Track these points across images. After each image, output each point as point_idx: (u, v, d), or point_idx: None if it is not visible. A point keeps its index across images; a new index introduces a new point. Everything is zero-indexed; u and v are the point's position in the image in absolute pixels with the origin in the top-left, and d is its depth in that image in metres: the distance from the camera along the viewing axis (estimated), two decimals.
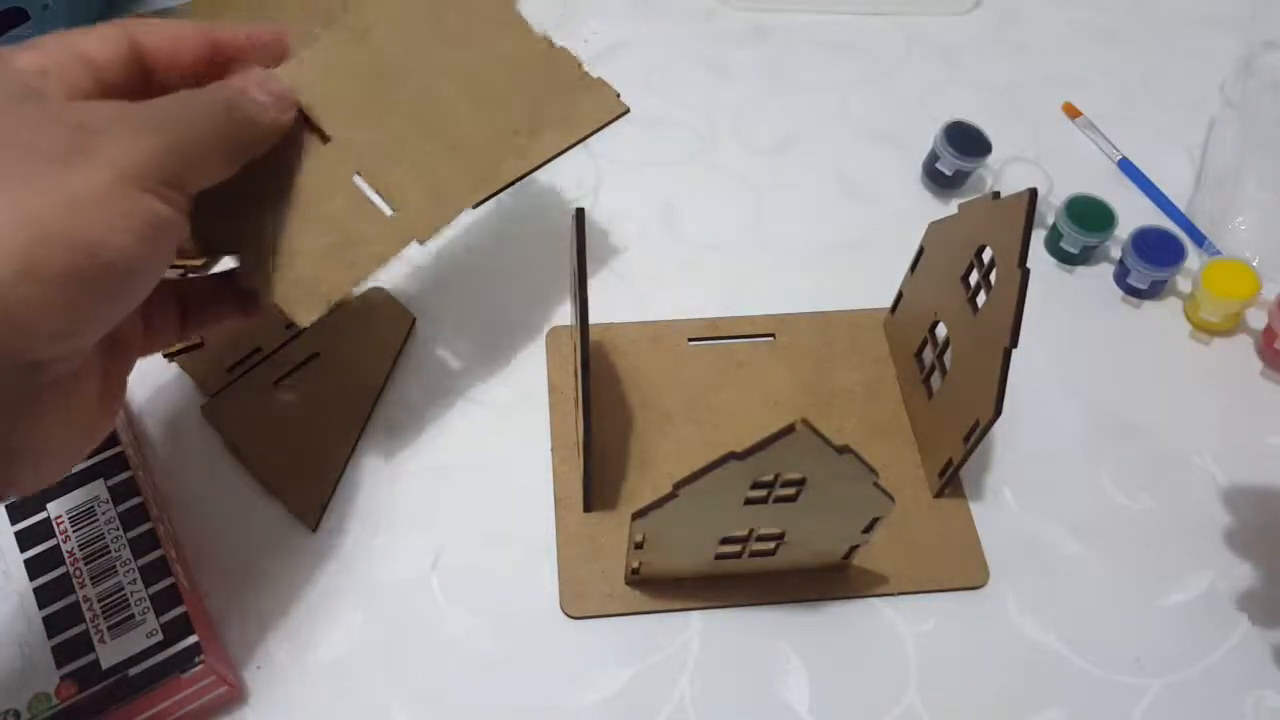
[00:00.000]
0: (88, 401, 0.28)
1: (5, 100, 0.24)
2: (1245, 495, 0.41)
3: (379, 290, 0.46)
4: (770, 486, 0.31)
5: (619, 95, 0.57)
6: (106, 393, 0.29)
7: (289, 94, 0.31)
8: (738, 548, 0.35)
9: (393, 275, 0.47)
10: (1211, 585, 0.39)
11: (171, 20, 0.30)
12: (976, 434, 0.36)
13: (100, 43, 0.28)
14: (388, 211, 0.34)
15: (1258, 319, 0.46)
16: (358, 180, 0.33)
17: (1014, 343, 0.34)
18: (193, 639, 0.33)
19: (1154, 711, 0.36)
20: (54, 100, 0.25)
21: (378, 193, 0.34)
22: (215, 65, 0.31)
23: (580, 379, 0.35)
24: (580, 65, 0.39)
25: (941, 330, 0.40)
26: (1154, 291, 0.47)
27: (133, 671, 0.32)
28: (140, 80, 0.29)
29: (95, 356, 0.28)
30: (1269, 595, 0.39)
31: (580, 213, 0.34)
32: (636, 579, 0.38)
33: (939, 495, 0.40)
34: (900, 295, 0.44)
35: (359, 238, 0.33)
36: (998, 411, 0.35)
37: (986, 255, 0.37)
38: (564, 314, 0.46)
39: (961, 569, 0.39)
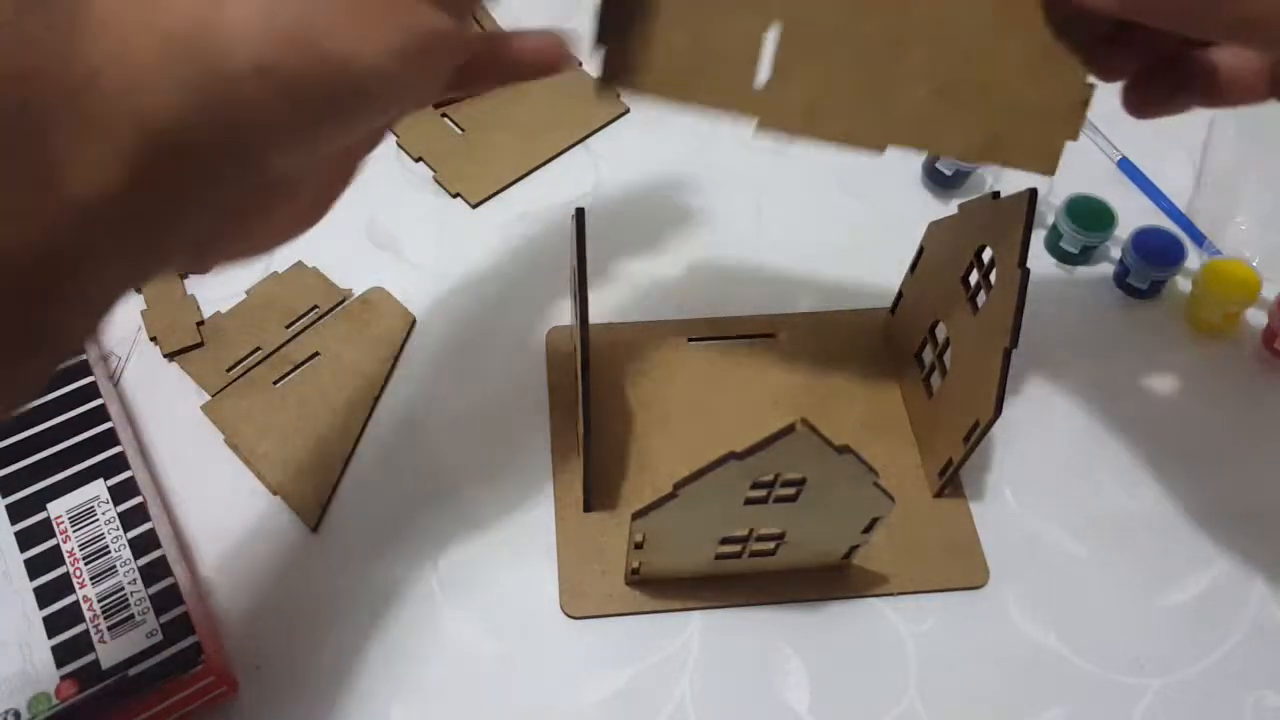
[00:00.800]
0: (300, 201, 0.25)
1: None
2: (1245, 495, 0.41)
3: (379, 290, 0.46)
4: (770, 486, 0.31)
5: (619, 95, 0.57)
6: (325, 191, 0.26)
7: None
8: (738, 548, 0.35)
9: (393, 275, 0.47)
10: (1211, 585, 0.39)
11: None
12: (977, 434, 0.36)
13: None
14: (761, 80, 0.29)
15: (1258, 319, 0.46)
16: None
17: (1014, 343, 0.34)
18: (193, 639, 0.33)
19: (1154, 711, 0.36)
20: None
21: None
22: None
23: (580, 379, 0.35)
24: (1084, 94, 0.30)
25: (941, 330, 0.40)
26: (1154, 291, 0.47)
27: (133, 671, 0.32)
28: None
29: (323, 160, 0.24)
30: (1269, 596, 0.39)
31: (580, 213, 0.34)
32: (636, 579, 0.38)
33: (939, 495, 0.40)
34: (900, 295, 0.44)
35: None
36: (997, 412, 0.35)
37: (986, 255, 0.37)
38: (564, 314, 0.46)
39: (961, 569, 0.39)
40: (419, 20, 0.21)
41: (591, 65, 0.29)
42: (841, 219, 0.50)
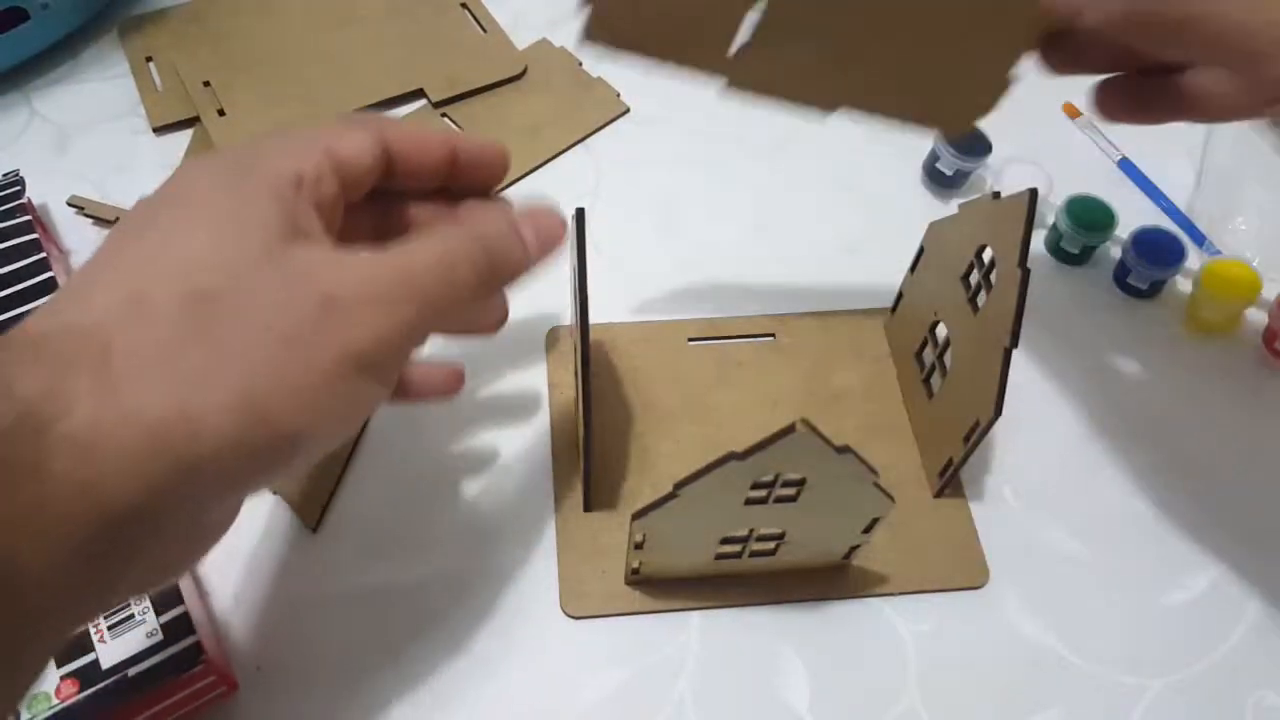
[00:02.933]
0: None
1: (265, 239, 0.24)
2: (1245, 495, 0.41)
3: None
4: (770, 486, 0.31)
5: (619, 95, 0.57)
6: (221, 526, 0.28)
7: (561, 232, 0.29)
8: (738, 548, 0.35)
9: None
10: (1211, 585, 0.39)
11: (416, 127, 0.29)
12: (977, 434, 0.36)
13: (355, 147, 0.27)
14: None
15: (1258, 319, 0.46)
16: None
17: (1014, 343, 0.34)
18: (193, 639, 0.33)
19: (1154, 711, 0.36)
20: (312, 245, 0.25)
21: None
22: (453, 169, 0.30)
23: (580, 379, 0.35)
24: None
25: (941, 330, 0.40)
26: (1154, 291, 0.47)
27: (133, 671, 0.32)
28: (381, 179, 0.29)
29: None
30: (1269, 595, 0.39)
31: (580, 213, 0.34)
32: (636, 579, 0.38)
33: (939, 495, 0.40)
34: (900, 295, 0.44)
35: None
36: (998, 412, 0.35)
37: (987, 255, 0.37)
38: (564, 314, 0.46)
39: (961, 569, 0.39)
40: (359, 392, 0.25)
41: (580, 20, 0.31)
42: (841, 219, 0.50)
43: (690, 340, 0.45)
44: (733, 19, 0.31)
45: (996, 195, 0.36)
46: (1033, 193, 0.34)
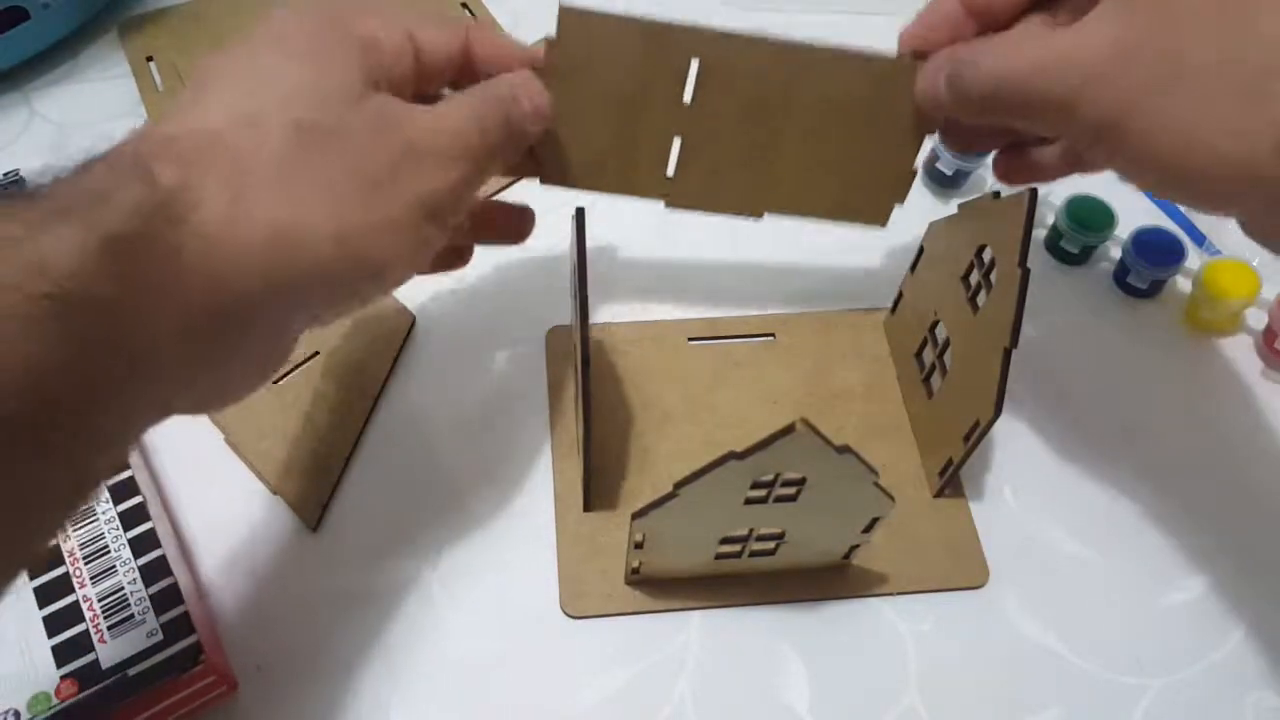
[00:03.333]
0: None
1: (355, 82, 0.27)
2: (1245, 495, 0.41)
3: None
4: (770, 486, 0.31)
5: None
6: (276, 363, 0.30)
7: (547, 109, 0.32)
8: (737, 547, 0.35)
9: None
10: (1211, 585, 0.39)
11: (501, 34, 0.33)
12: (977, 434, 0.36)
13: (437, 40, 0.30)
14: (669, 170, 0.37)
15: (1258, 319, 0.46)
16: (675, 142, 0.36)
17: (1014, 343, 0.34)
18: (193, 639, 0.33)
19: (1154, 711, 0.36)
20: (390, 109, 0.28)
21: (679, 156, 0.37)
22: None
23: (580, 379, 0.35)
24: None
25: (941, 330, 0.40)
26: (1154, 291, 0.47)
27: (133, 671, 0.32)
28: (459, 77, 0.32)
29: None
30: (1269, 595, 0.39)
31: (580, 212, 0.34)
32: (636, 578, 0.38)
33: (939, 495, 0.40)
34: (900, 295, 0.44)
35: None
36: (998, 411, 0.35)
37: (987, 255, 0.37)
38: (564, 314, 0.46)
39: (961, 569, 0.39)
40: (426, 237, 0.28)
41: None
42: None
43: (690, 340, 0.45)
44: (662, 150, 0.36)
45: (996, 195, 0.36)
46: (1032, 192, 0.34)
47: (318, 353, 0.44)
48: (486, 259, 0.48)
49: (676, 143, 0.36)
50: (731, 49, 0.34)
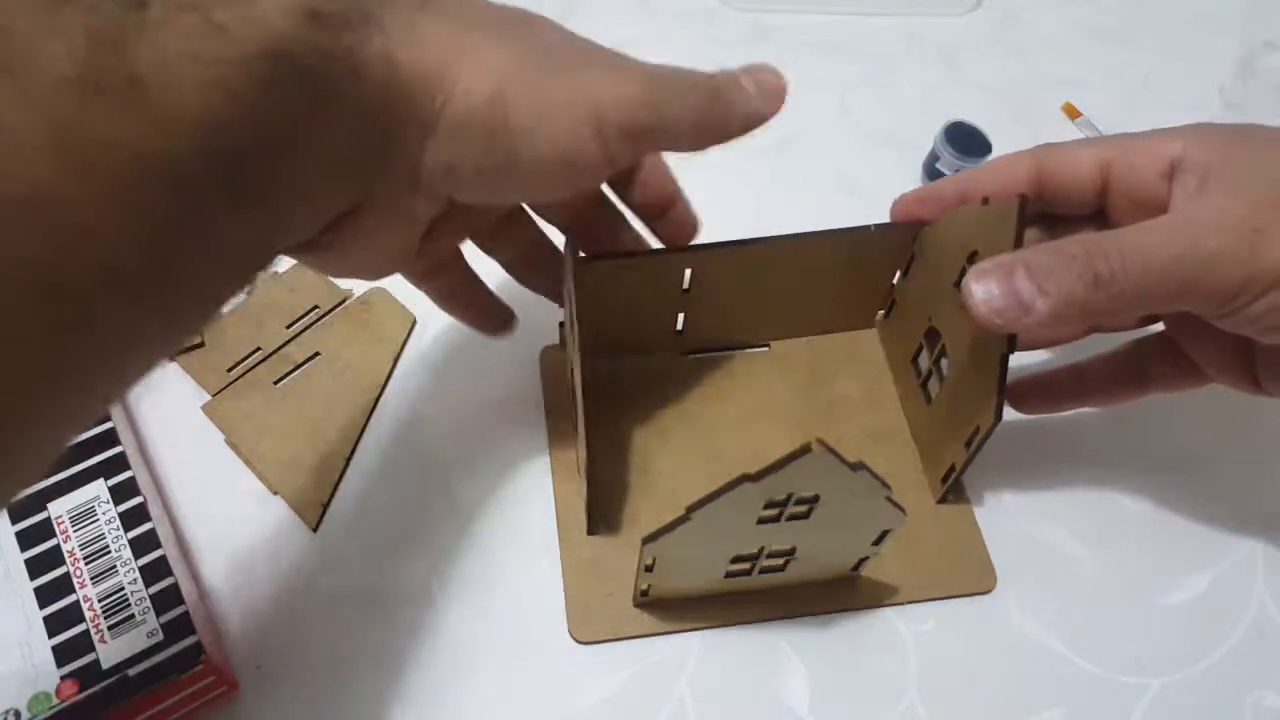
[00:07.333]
0: (384, 247, 0.31)
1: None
2: (1245, 495, 0.41)
3: (379, 290, 0.46)
4: (783, 505, 0.30)
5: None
6: (415, 249, 0.32)
7: (781, 89, 0.31)
8: (748, 565, 0.35)
9: (393, 276, 0.46)
10: (1211, 585, 0.39)
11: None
12: (977, 441, 0.36)
13: None
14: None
15: None
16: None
17: (1011, 348, 0.34)
18: (193, 639, 0.33)
19: (1154, 711, 0.36)
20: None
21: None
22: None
23: (579, 407, 0.35)
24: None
25: (937, 336, 0.40)
26: None
27: (133, 671, 0.32)
28: None
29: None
30: (1269, 595, 0.39)
31: (571, 238, 0.34)
32: (645, 600, 0.37)
33: (942, 501, 0.40)
34: (893, 300, 0.44)
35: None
36: (998, 418, 0.34)
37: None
38: (557, 324, 0.46)
39: (969, 575, 0.39)
40: (589, 148, 0.28)
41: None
42: (841, 219, 0.50)
43: (684, 354, 0.44)
44: (671, 313, 0.42)
45: (985, 201, 0.36)
46: (1023, 198, 0.33)
47: (318, 353, 0.44)
48: (487, 258, 0.47)
49: (680, 316, 0.42)
50: (714, 258, 0.39)
